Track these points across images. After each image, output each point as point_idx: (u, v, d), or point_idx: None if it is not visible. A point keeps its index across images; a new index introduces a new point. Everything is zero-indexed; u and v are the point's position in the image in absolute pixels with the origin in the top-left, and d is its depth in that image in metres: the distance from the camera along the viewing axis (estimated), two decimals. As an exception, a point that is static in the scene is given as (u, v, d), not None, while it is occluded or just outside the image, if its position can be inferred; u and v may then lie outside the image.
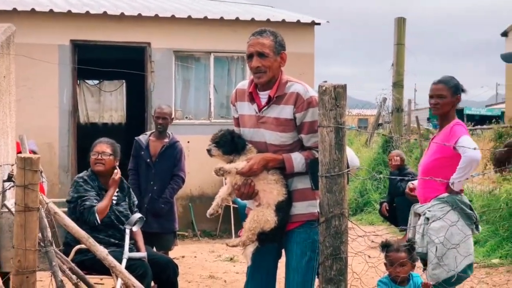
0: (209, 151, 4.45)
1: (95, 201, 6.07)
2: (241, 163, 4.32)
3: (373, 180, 15.14)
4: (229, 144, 4.42)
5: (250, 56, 4.41)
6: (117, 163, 6.44)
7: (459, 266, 5.11)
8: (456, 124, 5.39)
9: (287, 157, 4.36)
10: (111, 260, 4.93)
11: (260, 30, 4.42)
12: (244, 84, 4.63)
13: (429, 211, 5.29)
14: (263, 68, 4.35)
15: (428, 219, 5.29)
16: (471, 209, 5.32)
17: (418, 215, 5.58)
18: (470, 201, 5.61)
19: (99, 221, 5.99)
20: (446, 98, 5.40)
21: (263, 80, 4.38)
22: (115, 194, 6.34)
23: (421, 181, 5.47)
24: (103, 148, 6.33)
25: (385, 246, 5.04)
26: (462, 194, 5.39)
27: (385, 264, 4.97)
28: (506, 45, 25.00)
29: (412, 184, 5.84)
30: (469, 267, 5.28)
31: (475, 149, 4.98)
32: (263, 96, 4.46)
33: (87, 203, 6.02)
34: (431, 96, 5.49)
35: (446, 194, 5.28)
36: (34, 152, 9.26)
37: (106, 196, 6.13)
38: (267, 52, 4.34)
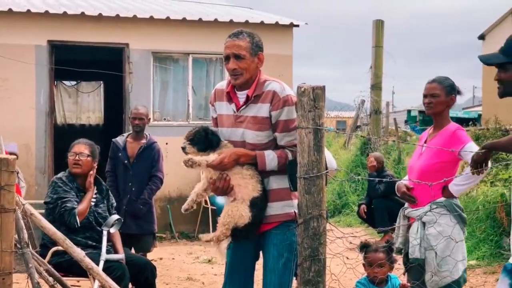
0: (183, 148, 4.43)
1: (75, 203, 6.03)
2: (212, 156, 4.30)
3: (351, 182, 15.19)
4: (203, 141, 4.41)
5: (227, 58, 4.41)
6: (96, 165, 6.38)
7: (458, 272, 5.08)
8: (458, 129, 5.26)
9: (259, 154, 4.37)
10: (88, 262, 4.90)
11: (236, 31, 4.41)
12: (222, 85, 4.64)
13: (426, 215, 5.15)
14: (239, 70, 4.36)
15: (424, 224, 5.18)
16: (463, 211, 5.25)
17: (407, 218, 5.48)
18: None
19: (79, 223, 5.95)
20: (440, 98, 5.28)
21: (239, 81, 4.39)
22: (94, 196, 6.29)
23: (414, 184, 5.31)
24: (81, 149, 6.27)
25: (364, 247, 5.04)
26: (457, 198, 5.29)
27: (363, 265, 4.97)
28: (483, 48, 25.23)
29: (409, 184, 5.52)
30: (465, 271, 5.21)
31: None
32: (241, 95, 4.47)
33: (68, 205, 5.98)
34: (424, 95, 5.37)
35: (443, 199, 5.16)
36: (15, 155, 9.22)
37: (85, 199, 6.08)
38: (244, 54, 4.34)
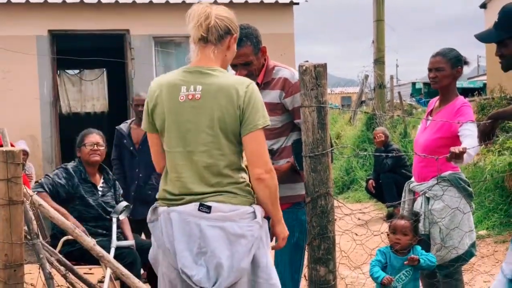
0: None
1: (47, 191, 5.93)
2: None
3: (359, 158, 15.18)
4: None
5: (234, 66, 4.40)
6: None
7: (464, 246, 5.04)
8: (463, 105, 5.12)
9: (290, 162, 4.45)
10: (98, 250, 4.92)
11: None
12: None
13: (430, 190, 5.09)
14: (250, 72, 4.41)
15: (428, 199, 5.13)
16: (468, 185, 5.17)
17: (412, 192, 5.45)
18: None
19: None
20: (445, 71, 5.14)
21: (252, 79, 4.41)
22: (100, 185, 6.31)
23: (420, 158, 5.21)
24: (97, 139, 6.31)
25: (390, 216, 5.01)
26: (460, 171, 5.20)
27: (387, 234, 4.93)
28: (486, 17, 25.05)
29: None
30: (473, 245, 5.15)
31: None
32: None
33: (38, 188, 5.92)
34: (429, 69, 5.25)
35: (448, 172, 5.06)
36: (26, 152, 9.25)
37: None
38: (250, 59, 4.38)
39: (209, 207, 3.47)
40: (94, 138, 6.30)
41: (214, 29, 3.60)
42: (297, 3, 13.59)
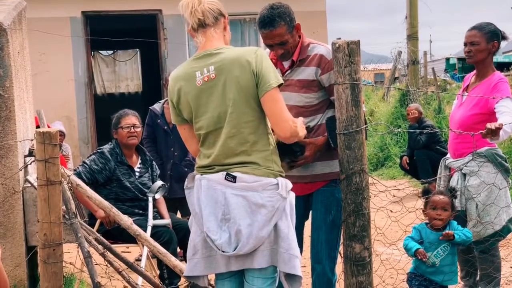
0: None
1: (82, 178, 5.92)
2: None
3: (393, 135, 15.10)
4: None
5: (270, 46, 4.41)
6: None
7: (501, 222, 5.00)
8: (500, 81, 5.03)
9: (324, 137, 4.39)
10: (135, 228, 4.98)
11: (269, 20, 4.29)
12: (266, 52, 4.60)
13: (466, 166, 5.05)
14: (287, 51, 4.40)
15: (465, 175, 5.09)
16: (505, 161, 5.10)
17: (448, 168, 5.37)
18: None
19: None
20: (480, 45, 5.06)
21: (288, 57, 4.46)
22: (138, 166, 6.34)
23: (455, 135, 5.15)
24: (133, 120, 6.30)
25: (427, 192, 4.96)
26: (496, 146, 5.14)
27: (422, 210, 4.89)
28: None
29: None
30: (510, 221, 5.10)
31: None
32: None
33: (79, 174, 5.97)
34: (464, 44, 5.18)
35: (484, 148, 5.01)
36: (62, 133, 9.35)
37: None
38: (286, 39, 4.33)
39: (235, 177, 3.70)
40: (131, 120, 6.31)
41: (208, 12, 3.86)
42: (329, -20, 13.51)
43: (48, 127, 6.08)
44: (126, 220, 4.99)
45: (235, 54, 3.75)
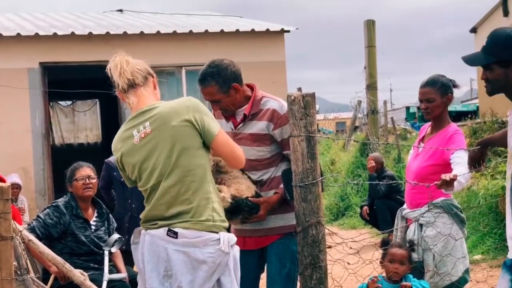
0: None
1: (36, 233, 5.77)
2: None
3: (353, 185, 15.15)
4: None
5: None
6: None
7: (458, 273, 5.00)
8: (455, 133, 5.10)
9: (281, 193, 4.37)
10: (89, 285, 4.88)
11: (201, 78, 4.38)
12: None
13: (422, 217, 5.05)
14: (224, 108, 4.44)
15: (421, 226, 5.09)
16: (461, 211, 5.15)
17: (405, 219, 5.40)
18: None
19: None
20: (436, 101, 5.12)
21: (230, 114, 4.49)
22: (94, 219, 6.23)
23: (412, 185, 5.16)
24: (88, 172, 6.20)
25: (386, 244, 4.95)
26: (452, 197, 5.18)
27: (380, 262, 4.88)
28: (476, 41, 25.15)
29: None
30: (466, 271, 5.11)
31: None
32: (239, 113, 4.48)
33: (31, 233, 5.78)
34: (420, 100, 5.23)
35: (440, 199, 5.03)
36: (18, 185, 9.21)
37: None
38: (217, 98, 4.37)
39: (176, 233, 3.72)
40: (85, 171, 6.21)
41: (136, 72, 4.02)
42: (288, 31, 13.66)
43: (3, 180, 5.97)
44: (79, 276, 4.89)
45: (170, 106, 3.83)
